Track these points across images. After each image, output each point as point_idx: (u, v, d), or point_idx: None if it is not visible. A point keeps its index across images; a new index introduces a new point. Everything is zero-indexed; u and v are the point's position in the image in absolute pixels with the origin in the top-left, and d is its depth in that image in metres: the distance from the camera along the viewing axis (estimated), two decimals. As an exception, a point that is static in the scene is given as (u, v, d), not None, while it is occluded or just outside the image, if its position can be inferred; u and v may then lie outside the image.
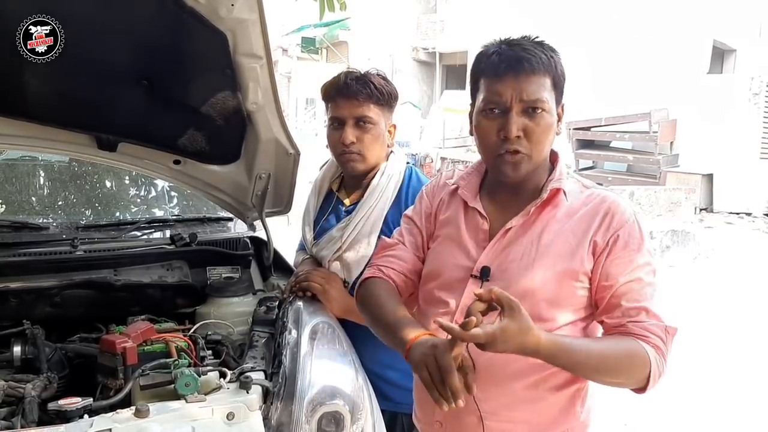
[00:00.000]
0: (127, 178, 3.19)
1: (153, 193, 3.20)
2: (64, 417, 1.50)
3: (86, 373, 1.87)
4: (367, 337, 1.96)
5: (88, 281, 2.15)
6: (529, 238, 1.48)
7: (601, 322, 1.48)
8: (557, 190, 1.49)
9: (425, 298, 1.64)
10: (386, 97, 2.05)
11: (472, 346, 1.33)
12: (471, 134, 1.54)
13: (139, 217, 2.87)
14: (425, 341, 1.35)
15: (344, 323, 1.98)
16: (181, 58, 2.01)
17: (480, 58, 1.49)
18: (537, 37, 1.48)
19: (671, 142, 15.24)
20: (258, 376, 1.72)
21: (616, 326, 1.43)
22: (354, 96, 2.01)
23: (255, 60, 1.93)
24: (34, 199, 2.97)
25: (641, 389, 1.42)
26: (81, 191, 3.09)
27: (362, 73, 2.06)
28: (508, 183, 1.51)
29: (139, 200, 3.20)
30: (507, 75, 1.42)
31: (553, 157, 1.56)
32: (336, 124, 2.06)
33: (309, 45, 24.15)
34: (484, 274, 1.49)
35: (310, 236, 2.21)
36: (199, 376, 1.65)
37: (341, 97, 2.04)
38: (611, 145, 15.83)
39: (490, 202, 1.58)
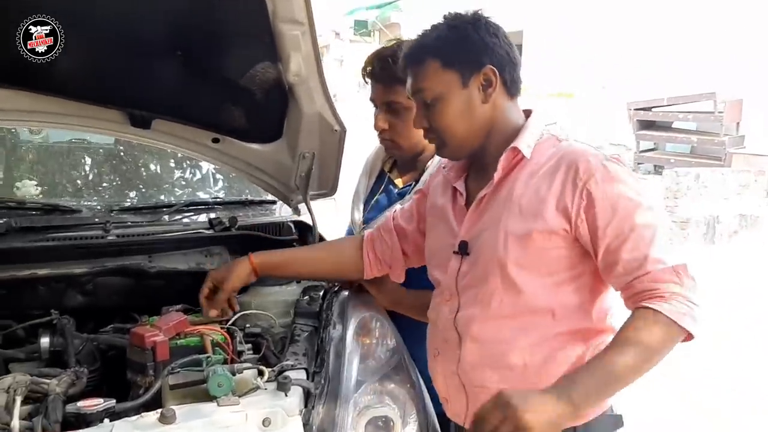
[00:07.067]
0: (172, 160, 3.09)
1: (198, 176, 3.10)
2: (84, 421, 1.36)
3: (120, 367, 1.74)
4: (419, 333, 1.80)
5: (121, 268, 2.04)
6: (497, 204, 1.47)
7: (617, 288, 1.39)
8: (512, 150, 1.46)
9: (431, 280, 1.66)
10: None
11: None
12: None
13: (175, 200, 2.76)
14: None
15: (394, 317, 1.85)
16: (217, 26, 1.89)
17: None
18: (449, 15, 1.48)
19: (737, 123, 14.69)
20: (299, 375, 1.58)
21: (625, 289, 1.35)
22: (380, 81, 1.92)
23: (296, 26, 1.79)
24: (67, 183, 2.89)
25: (687, 338, 1.30)
26: (120, 173, 3.00)
27: (391, 51, 1.90)
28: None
29: (184, 182, 3.10)
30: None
31: (527, 115, 1.54)
32: (374, 106, 1.98)
33: (361, 28, 24.11)
34: (463, 249, 1.51)
35: (359, 218, 2.11)
36: (234, 375, 1.50)
37: (372, 80, 1.95)
38: (673, 126, 15.35)
39: (473, 179, 1.59)
